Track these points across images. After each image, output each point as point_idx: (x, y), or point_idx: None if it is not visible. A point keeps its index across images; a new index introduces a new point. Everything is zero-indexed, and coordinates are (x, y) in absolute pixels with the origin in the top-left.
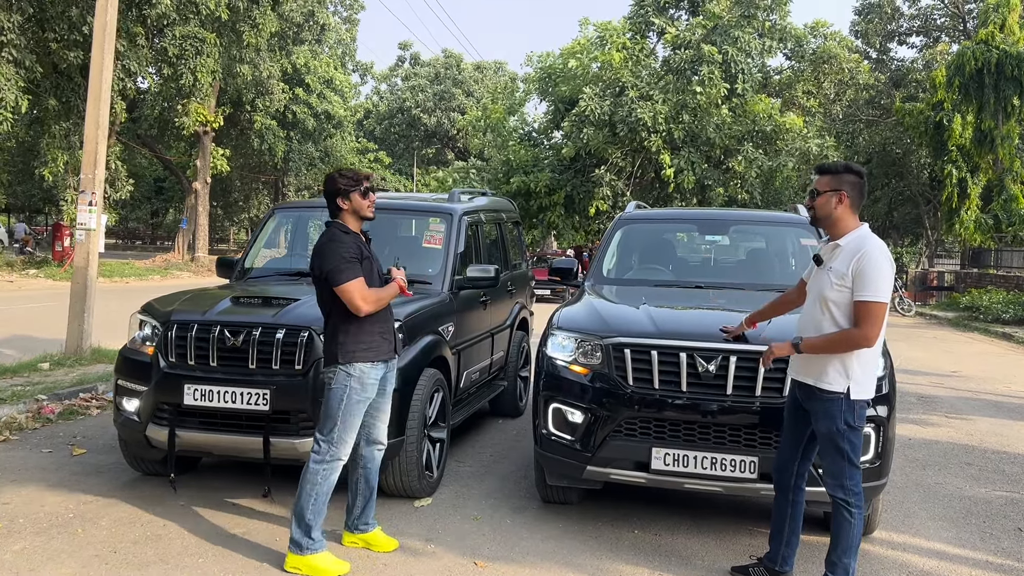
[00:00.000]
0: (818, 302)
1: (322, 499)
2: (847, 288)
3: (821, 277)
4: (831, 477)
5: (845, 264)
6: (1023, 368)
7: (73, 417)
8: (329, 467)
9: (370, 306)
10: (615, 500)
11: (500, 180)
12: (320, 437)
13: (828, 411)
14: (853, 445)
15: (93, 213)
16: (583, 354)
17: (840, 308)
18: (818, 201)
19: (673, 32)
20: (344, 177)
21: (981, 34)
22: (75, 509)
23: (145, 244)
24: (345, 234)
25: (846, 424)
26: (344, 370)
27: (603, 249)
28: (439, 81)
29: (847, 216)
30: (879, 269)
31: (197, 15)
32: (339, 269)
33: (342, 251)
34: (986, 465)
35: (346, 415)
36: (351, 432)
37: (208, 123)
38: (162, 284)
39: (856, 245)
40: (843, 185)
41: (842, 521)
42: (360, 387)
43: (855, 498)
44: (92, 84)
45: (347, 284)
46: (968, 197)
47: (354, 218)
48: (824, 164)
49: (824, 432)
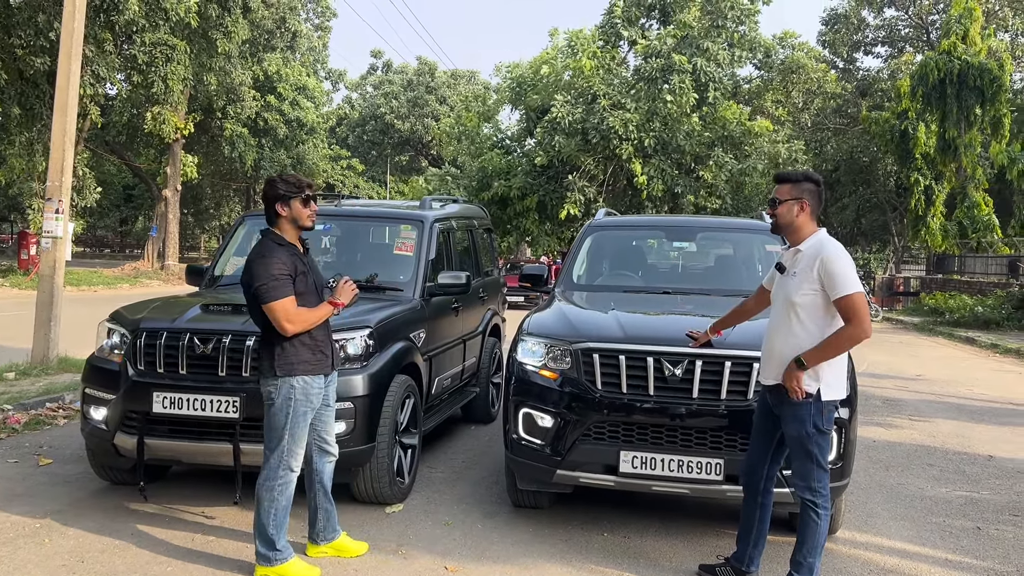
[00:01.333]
0: (785, 307)
1: (282, 512)
2: (816, 292)
3: (786, 283)
4: (800, 479)
5: (809, 268)
6: (985, 372)
7: (39, 427)
8: (284, 481)
9: (296, 327)
10: (585, 503)
11: (475, 187)
12: (269, 453)
13: (798, 414)
14: (821, 448)
15: (60, 221)
16: (553, 359)
17: (807, 311)
18: (780, 209)
19: (644, 43)
20: (285, 182)
21: (944, 45)
22: (42, 519)
23: (114, 252)
24: (279, 246)
25: (815, 428)
26: (287, 383)
27: (573, 255)
28: (412, 88)
29: (807, 223)
30: (843, 265)
31: (167, 21)
32: (267, 287)
33: (272, 268)
34: (947, 466)
35: (293, 427)
36: (300, 443)
37: (179, 130)
38: (131, 292)
39: (815, 249)
40: (803, 193)
41: (809, 522)
42: (304, 398)
43: (822, 499)
44: (59, 91)
45: (273, 304)
46: (933, 204)
47: (292, 227)
48: (783, 173)
49: (794, 435)
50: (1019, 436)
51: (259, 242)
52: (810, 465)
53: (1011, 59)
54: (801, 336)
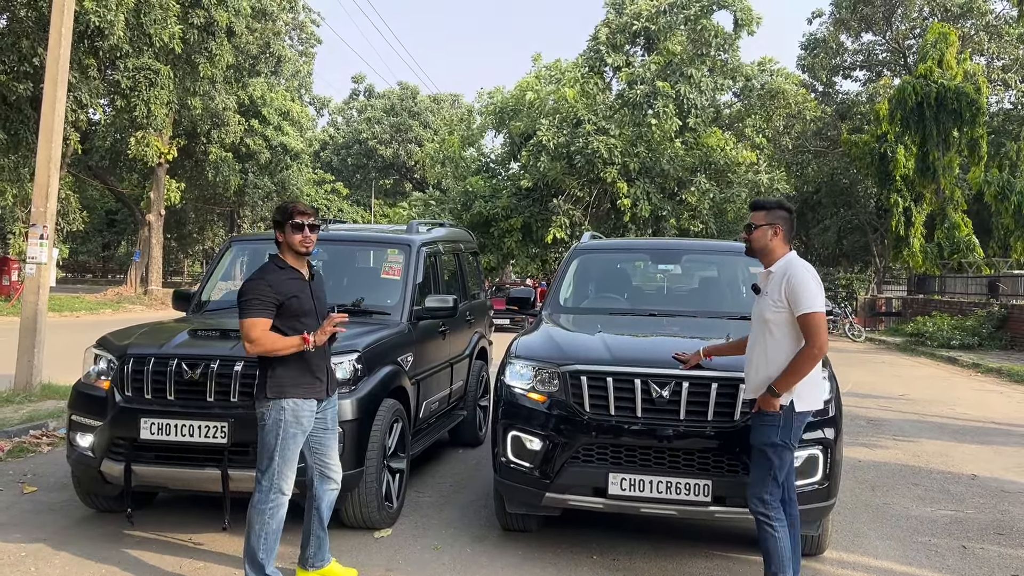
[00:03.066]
0: (760, 325)
1: (272, 537)
2: (784, 310)
3: (761, 302)
4: (753, 490)
5: (777, 288)
6: (967, 391)
7: (23, 455)
8: (275, 503)
9: (256, 349)
10: (574, 526)
11: (459, 209)
12: (260, 475)
13: (766, 423)
14: (782, 461)
15: (44, 247)
16: (541, 382)
17: (778, 327)
18: (755, 234)
19: (628, 71)
20: (280, 210)
21: (920, 69)
22: (28, 548)
23: (96, 277)
24: (279, 269)
25: (781, 440)
26: (277, 404)
27: (559, 278)
28: (395, 113)
29: (780, 246)
30: (806, 284)
31: (151, 47)
32: (246, 303)
33: (257, 288)
34: (932, 485)
35: (283, 450)
36: (290, 466)
37: (163, 155)
38: (114, 318)
39: (783, 269)
40: (777, 220)
41: (767, 536)
42: (294, 420)
43: (774, 511)
44: (44, 117)
45: (244, 320)
46: (913, 225)
47: (290, 252)
48: (759, 201)
49: (758, 443)
50: (1002, 455)
51: (262, 265)
52: (767, 476)
53: (987, 83)
54: (775, 352)
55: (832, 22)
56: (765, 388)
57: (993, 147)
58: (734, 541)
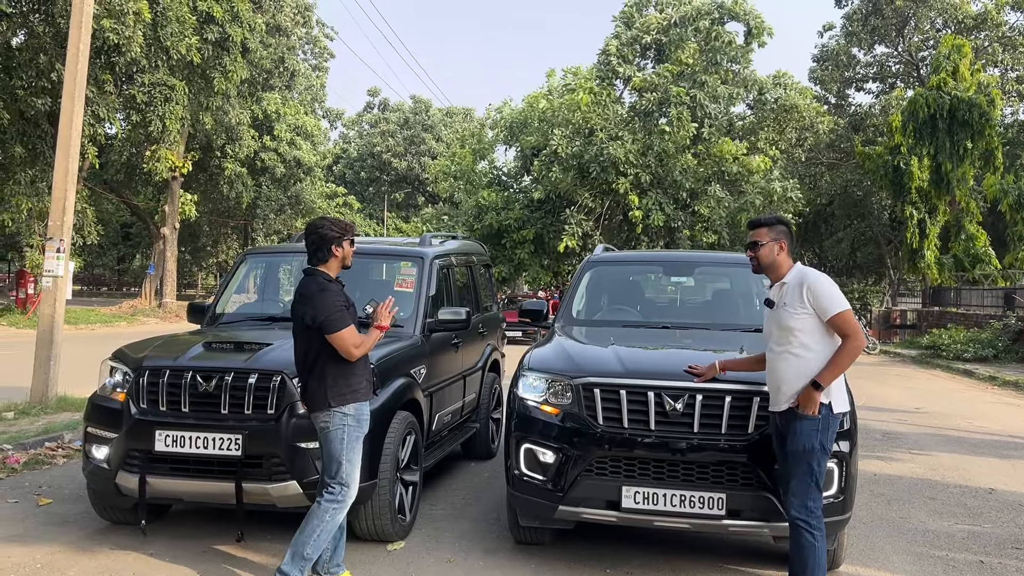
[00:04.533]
0: (784, 334)
1: (324, 537)
2: (809, 315)
3: (778, 314)
4: (796, 497)
5: (797, 296)
6: (984, 404)
7: (39, 467)
8: (340, 507)
9: (361, 351)
10: (587, 540)
11: (472, 221)
12: (329, 480)
13: (806, 429)
14: (821, 467)
15: (61, 260)
16: (554, 394)
17: (806, 332)
18: (762, 251)
19: (640, 78)
20: (338, 226)
21: (933, 80)
22: (43, 559)
23: (111, 290)
24: (331, 283)
25: (820, 445)
26: (340, 411)
27: (572, 291)
28: (409, 126)
29: (786, 260)
30: (828, 288)
31: (168, 61)
32: (332, 318)
33: (332, 300)
34: (949, 499)
35: (349, 453)
36: (357, 469)
37: (177, 168)
38: (129, 330)
39: (799, 278)
40: (780, 235)
41: (806, 544)
42: (356, 424)
43: (817, 520)
44: (62, 132)
45: (342, 332)
46: (928, 237)
47: (339, 266)
48: (759, 219)
49: (799, 450)
50: (1020, 469)
51: (311, 279)
52: (809, 482)
53: (1001, 94)
54: (808, 358)
55: (843, 35)
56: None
57: (1008, 158)
58: (748, 555)
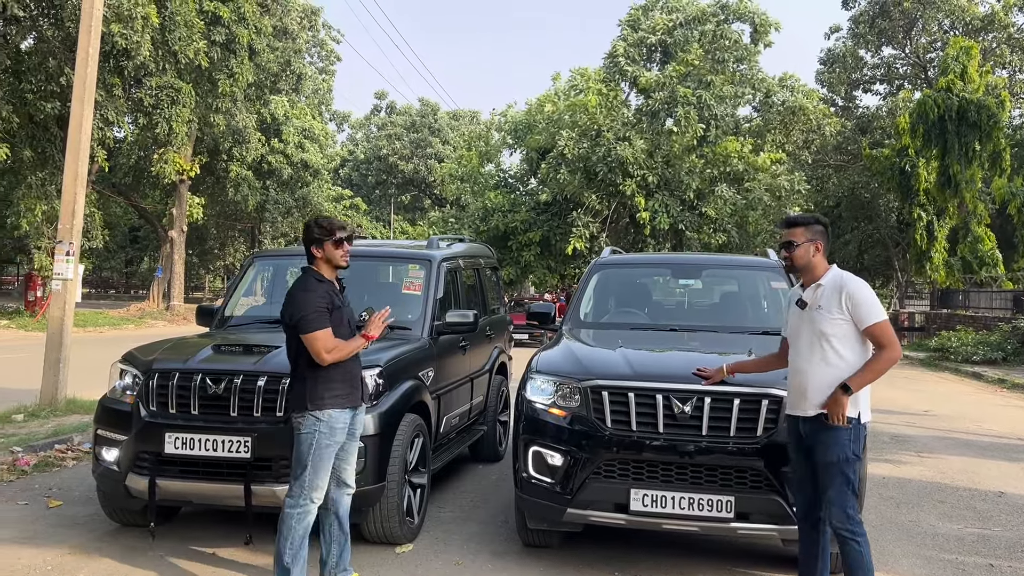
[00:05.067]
0: (816, 339)
1: (298, 542)
2: (846, 322)
3: (811, 317)
4: (836, 507)
5: (835, 301)
6: (993, 407)
7: (48, 469)
8: (303, 510)
9: (333, 356)
10: (595, 542)
11: (478, 224)
12: (293, 482)
13: (838, 439)
14: (856, 475)
15: (70, 263)
16: (562, 397)
17: (839, 339)
18: (798, 252)
19: (647, 77)
20: (319, 227)
21: (941, 82)
22: (52, 561)
23: (119, 293)
24: (319, 282)
25: (853, 453)
26: (313, 415)
27: (580, 293)
28: (415, 129)
29: (821, 261)
30: (869, 296)
31: (176, 65)
32: (308, 318)
33: (313, 300)
34: (958, 503)
35: (316, 460)
36: (323, 476)
37: (184, 171)
38: (137, 333)
39: (838, 282)
40: (816, 235)
41: (852, 553)
42: (329, 431)
43: (858, 526)
44: (71, 136)
45: (314, 333)
46: (936, 240)
47: (328, 266)
48: (794, 217)
49: (833, 460)
50: None
51: (300, 277)
52: (847, 491)
53: (1010, 96)
54: (840, 366)
55: (850, 36)
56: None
57: (1017, 160)
58: (756, 558)
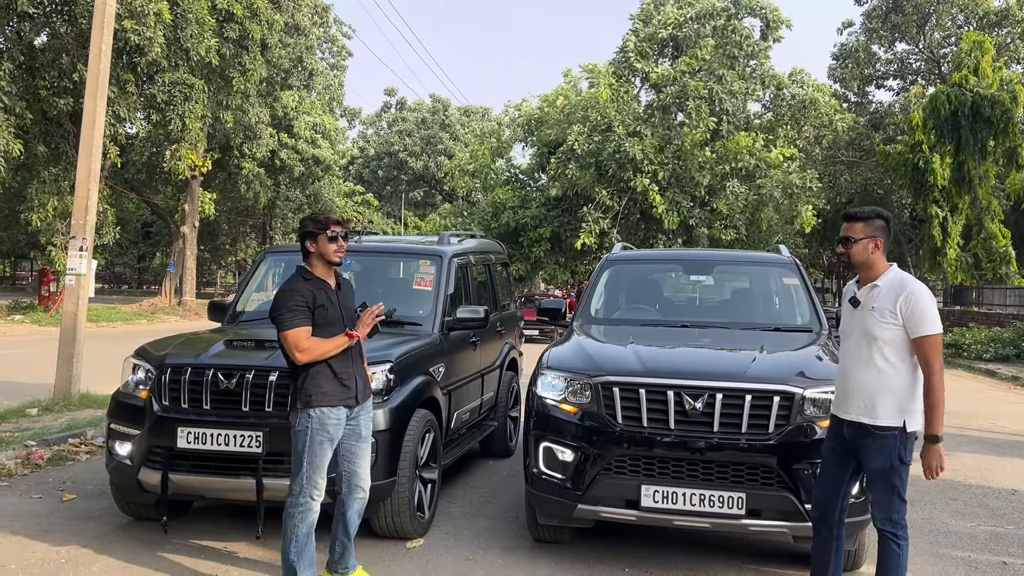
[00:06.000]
0: (865, 340)
1: (302, 539)
2: (899, 327)
3: (863, 317)
4: (881, 511)
5: (891, 303)
6: (1006, 404)
7: (62, 463)
8: (303, 507)
9: (306, 356)
10: (606, 538)
11: (488, 220)
12: (292, 480)
13: (883, 447)
14: (903, 480)
15: (84, 259)
16: (573, 393)
17: (890, 345)
18: (855, 248)
19: (658, 72)
20: (314, 221)
21: (955, 77)
22: (66, 554)
23: (131, 288)
24: (305, 280)
25: (899, 460)
26: (304, 412)
27: (591, 289)
28: (426, 125)
29: (880, 259)
30: (929, 303)
31: (187, 61)
32: (283, 316)
33: (290, 299)
34: (971, 500)
35: (311, 456)
36: (319, 472)
37: (196, 167)
38: (149, 328)
39: (898, 285)
40: (876, 231)
41: (891, 553)
42: (320, 428)
43: (902, 530)
44: (84, 132)
45: (286, 332)
46: (949, 236)
47: (320, 262)
48: (855, 212)
49: (878, 468)
50: None
51: (289, 276)
52: (892, 497)
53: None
54: (890, 374)
55: (863, 31)
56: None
57: None
58: (768, 555)
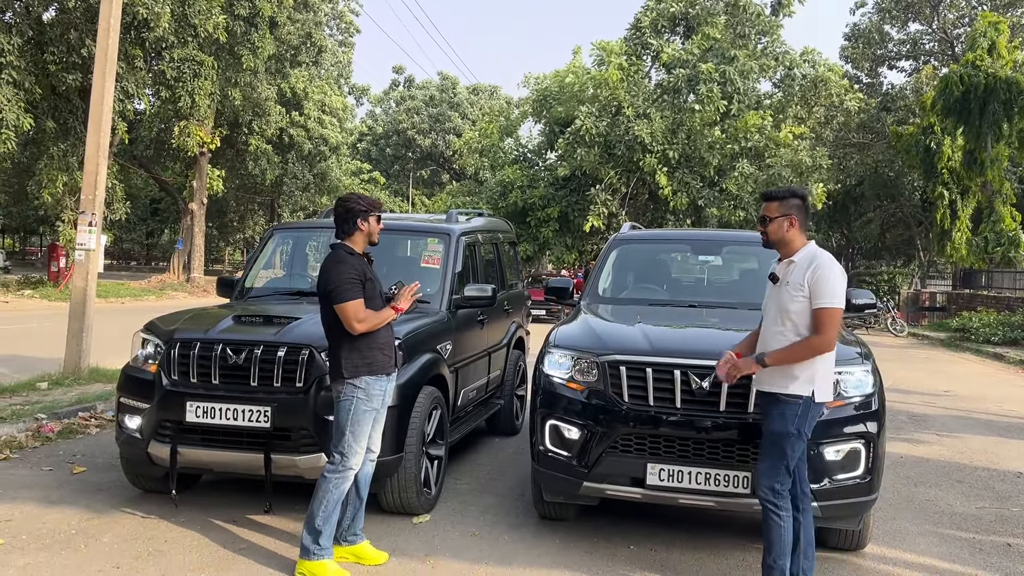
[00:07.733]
0: (779, 315)
1: (331, 507)
2: (805, 298)
3: (780, 293)
4: (764, 478)
5: (801, 276)
6: (1014, 388)
7: (72, 436)
8: (341, 476)
9: (364, 326)
10: (611, 516)
11: (496, 199)
12: (333, 448)
13: (784, 413)
14: (794, 451)
15: (93, 234)
16: (579, 371)
17: (800, 317)
18: (771, 227)
19: (669, 51)
20: (365, 200)
21: (968, 57)
22: (77, 526)
23: (140, 265)
24: (350, 255)
25: (796, 429)
26: (351, 383)
27: (598, 269)
28: (434, 103)
29: (797, 236)
30: (833, 277)
31: (195, 38)
32: (341, 289)
33: (346, 272)
34: (976, 482)
35: (355, 426)
36: (361, 442)
37: (205, 144)
38: (157, 304)
39: (809, 258)
40: (791, 209)
41: (772, 524)
42: (366, 398)
43: (783, 501)
44: (93, 107)
45: (346, 304)
46: (959, 219)
47: (364, 240)
48: (770, 191)
49: (774, 432)
50: None
51: (332, 252)
52: (780, 465)
53: None
54: (792, 342)
55: (876, 11)
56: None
57: None
58: None
